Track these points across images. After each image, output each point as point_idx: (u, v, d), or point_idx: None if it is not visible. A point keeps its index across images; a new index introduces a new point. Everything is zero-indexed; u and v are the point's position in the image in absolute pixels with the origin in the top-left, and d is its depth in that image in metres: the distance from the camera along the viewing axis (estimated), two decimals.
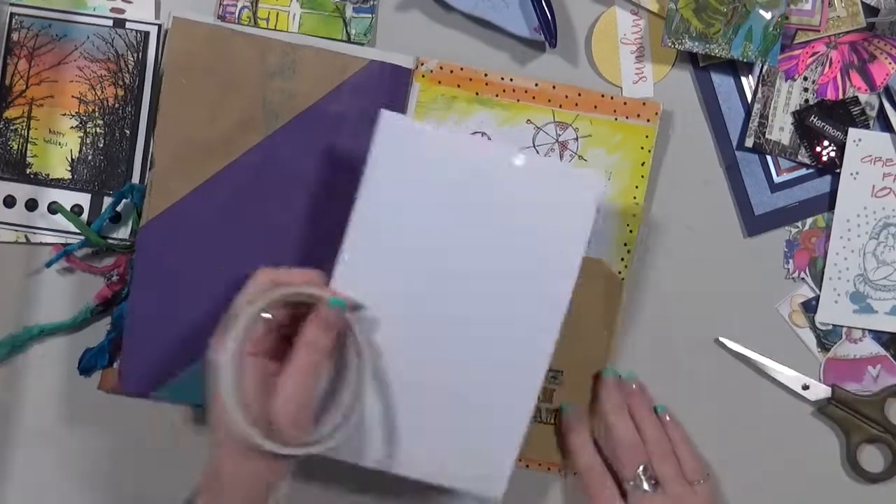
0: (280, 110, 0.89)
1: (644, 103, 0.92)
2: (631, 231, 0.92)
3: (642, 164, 0.92)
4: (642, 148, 0.92)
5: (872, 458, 0.94)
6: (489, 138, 0.92)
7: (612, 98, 0.92)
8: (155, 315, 0.88)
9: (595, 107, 0.92)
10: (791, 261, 0.93)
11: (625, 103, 0.92)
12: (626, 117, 0.92)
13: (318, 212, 0.90)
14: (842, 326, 0.93)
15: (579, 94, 0.92)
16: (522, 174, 0.83)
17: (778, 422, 0.94)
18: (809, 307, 0.93)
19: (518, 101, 0.92)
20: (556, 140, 0.92)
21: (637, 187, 0.92)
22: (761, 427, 0.94)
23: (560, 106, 0.92)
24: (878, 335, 0.93)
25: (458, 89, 0.92)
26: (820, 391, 0.93)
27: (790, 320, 0.93)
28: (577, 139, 0.92)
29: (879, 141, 0.91)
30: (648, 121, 0.92)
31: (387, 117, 0.81)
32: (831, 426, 0.94)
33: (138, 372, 0.88)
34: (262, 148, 0.89)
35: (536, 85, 0.91)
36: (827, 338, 0.93)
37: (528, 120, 0.92)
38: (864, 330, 0.93)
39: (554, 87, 0.91)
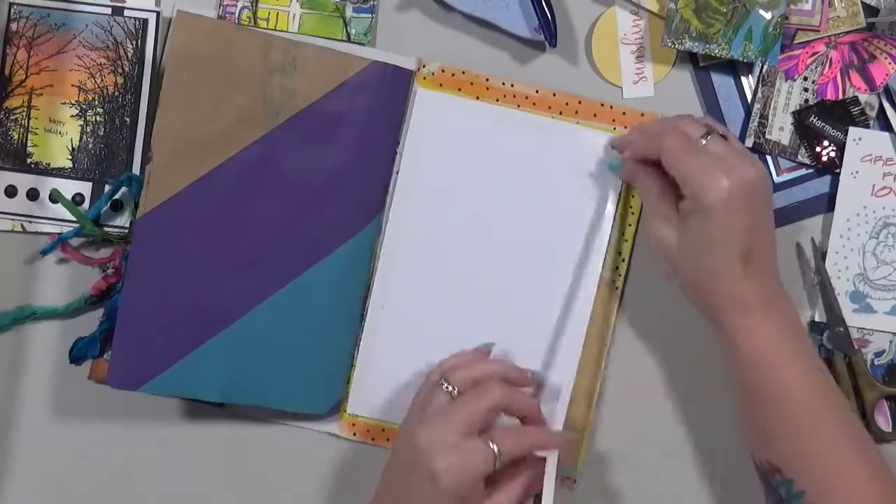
0: (280, 107, 0.89)
1: (643, 114, 0.92)
2: (626, 240, 0.92)
3: None
4: None
5: None
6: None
7: (611, 107, 0.92)
8: (147, 309, 0.88)
9: (595, 115, 0.92)
10: None
11: (624, 113, 0.92)
12: (625, 127, 0.91)
13: (315, 210, 0.90)
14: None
15: (579, 102, 0.92)
16: (551, 137, 0.91)
17: None
18: (814, 327, 0.93)
19: (518, 106, 0.92)
20: None
21: (633, 196, 0.92)
22: None
23: (560, 113, 0.92)
24: None
25: (459, 93, 0.92)
26: None
27: None
28: None
29: (879, 140, 0.91)
30: None
31: (421, 93, 0.91)
32: None
33: (127, 368, 0.88)
34: (261, 144, 0.89)
35: (537, 91, 0.91)
36: None
37: None
38: None
39: (554, 95, 0.92)
